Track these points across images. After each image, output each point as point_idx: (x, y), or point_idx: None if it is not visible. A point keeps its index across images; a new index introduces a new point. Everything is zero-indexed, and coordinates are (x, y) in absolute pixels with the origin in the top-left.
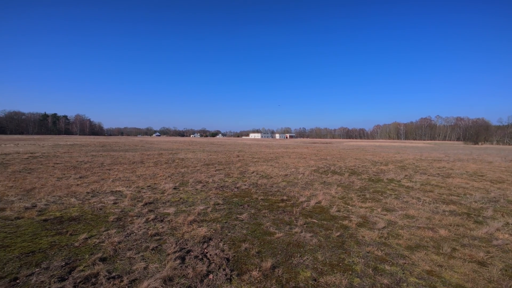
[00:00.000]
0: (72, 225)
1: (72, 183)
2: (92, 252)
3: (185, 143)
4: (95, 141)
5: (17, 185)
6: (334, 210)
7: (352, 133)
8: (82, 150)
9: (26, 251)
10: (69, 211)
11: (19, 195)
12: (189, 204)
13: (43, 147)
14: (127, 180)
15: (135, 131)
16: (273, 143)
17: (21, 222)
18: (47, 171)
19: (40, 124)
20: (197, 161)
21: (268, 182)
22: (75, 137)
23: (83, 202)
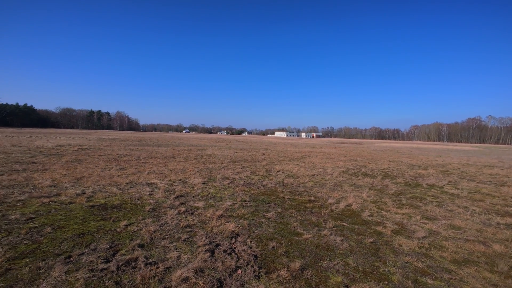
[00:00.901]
0: (115, 212)
1: (114, 174)
2: (132, 239)
3: (212, 140)
4: (132, 136)
5: (69, 173)
6: (366, 215)
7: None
8: (121, 144)
9: (78, 233)
10: (111, 199)
11: (71, 182)
12: (217, 199)
13: (90, 140)
14: (161, 173)
15: (167, 128)
16: (299, 142)
17: (73, 206)
18: (93, 162)
19: (87, 120)
20: (224, 158)
21: (294, 181)
22: (115, 132)
23: (123, 192)
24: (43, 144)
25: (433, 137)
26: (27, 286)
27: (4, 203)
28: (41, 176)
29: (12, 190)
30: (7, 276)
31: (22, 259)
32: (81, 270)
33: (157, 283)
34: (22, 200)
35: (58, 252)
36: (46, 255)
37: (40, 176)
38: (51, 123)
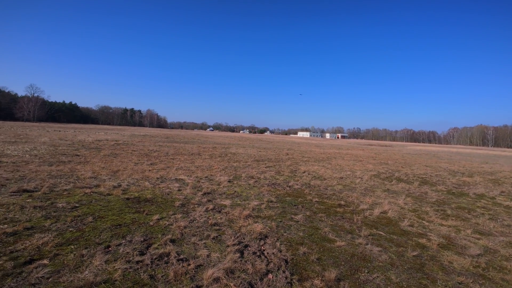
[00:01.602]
0: (147, 206)
1: (146, 169)
2: (164, 233)
3: (236, 139)
4: (161, 133)
5: (107, 166)
6: (406, 224)
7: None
8: (151, 140)
9: (115, 224)
10: (144, 193)
11: (108, 175)
12: (243, 198)
13: (124, 136)
14: (188, 169)
15: (192, 125)
16: (323, 143)
17: (110, 198)
18: (127, 156)
19: (121, 117)
20: (247, 156)
21: (321, 183)
22: (146, 129)
23: (154, 186)
24: (85, 139)
25: (476, 141)
26: (72, 272)
27: (53, 191)
28: (83, 168)
29: (59, 180)
30: (55, 261)
31: (68, 245)
32: (119, 260)
33: (189, 281)
34: (67, 190)
35: (98, 241)
36: (88, 243)
37: (82, 168)
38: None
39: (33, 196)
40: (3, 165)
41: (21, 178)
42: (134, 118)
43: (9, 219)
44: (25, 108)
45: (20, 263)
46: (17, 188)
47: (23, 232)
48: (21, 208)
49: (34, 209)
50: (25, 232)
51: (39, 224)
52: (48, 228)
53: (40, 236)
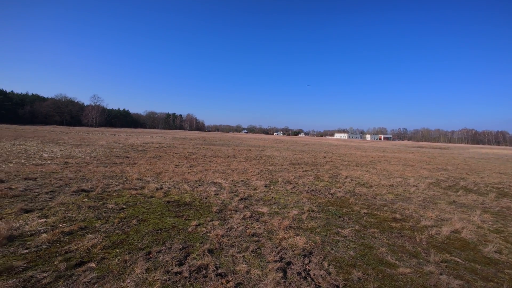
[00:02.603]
0: (186, 210)
1: (185, 171)
2: (202, 241)
3: (270, 141)
4: (199, 136)
5: (151, 168)
6: (490, 250)
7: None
8: (190, 143)
9: (156, 228)
10: (183, 196)
11: (152, 177)
12: (282, 206)
13: (166, 139)
14: (224, 172)
15: (228, 128)
16: (364, 145)
17: (153, 200)
18: (169, 159)
19: (165, 121)
20: (283, 159)
21: (368, 192)
22: (186, 132)
23: (193, 189)
24: (134, 142)
25: None
26: (116, 279)
27: (105, 192)
28: (131, 169)
29: (111, 181)
30: (101, 265)
31: (113, 249)
32: (158, 270)
33: None
34: (117, 191)
35: (141, 246)
36: (131, 247)
37: (130, 169)
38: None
39: (89, 196)
40: (69, 166)
41: (81, 178)
42: (176, 122)
43: (67, 218)
44: (89, 115)
45: (71, 265)
46: (77, 188)
47: (77, 232)
48: (78, 208)
49: (89, 209)
50: (79, 232)
51: (91, 225)
52: (98, 229)
53: (91, 237)
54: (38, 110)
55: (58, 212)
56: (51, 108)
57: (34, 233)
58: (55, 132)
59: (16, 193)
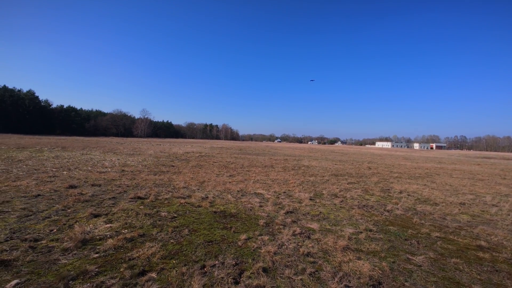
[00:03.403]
0: (233, 222)
1: (226, 181)
2: (254, 258)
3: (305, 150)
4: (234, 145)
5: (195, 177)
6: None
7: None
8: (227, 152)
9: (207, 239)
10: (228, 207)
11: (197, 185)
12: (333, 223)
13: (205, 148)
14: (264, 183)
15: (261, 137)
16: (414, 155)
17: (201, 210)
18: (210, 168)
19: (203, 131)
20: (323, 170)
21: (433, 210)
22: (222, 142)
23: (237, 200)
24: (177, 151)
25: None
26: None
27: (157, 199)
28: (177, 178)
29: (161, 189)
30: (161, 275)
31: (170, 259)
32: (215, 287)
33: None
34: (168, 199)
35: (195, 258)
36: (186, 259)
37: (176, 178)
38: (181, 134)
39: (144, 203)
40: (125, 174)
41: (136, 186)
42: (212, 132)
43: (128, 224)
44: (139, 127)
45: (135, 273)
46: (133, 195)
47: (138, 239)
48: (136, 215)
49: (145, 216)
50: (139, 239)
51: (149, 232)
52: (155, 237)
53: (149, 245)
54: (100, 124)
55: (120, 218)
56: (110, 121)
57: (102, 237)
58: (112, 143)
59: (86, 198)
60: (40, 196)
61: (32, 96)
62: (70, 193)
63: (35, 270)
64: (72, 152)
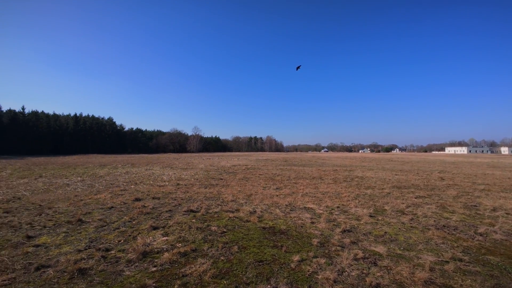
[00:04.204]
0: (283, 240)
1: (273, 194)
2: (310, 285)
3: (357, 159)
4: (279, 157)
5: (242, 190)
6: None
7: None
8: (273, 164)
9: (257, 259)
10: (277, 223)
11: (244, 199)
12: (404, 246)
13: (251, 161)
14: (314, 196)
15: (306, 148)
16: (503, 161)
17: (249, 225)
18: (256, 180)
19: (248, 144)
20: (381, 181)
21: None
22: (267, 153)
23: (286, 215)
24: (225, 164)
25: None
26: None
27: (208, 213)
28: (226, 191)
29: (211, 202)
30: None
31: (221, 278)
32: None
33: None
34: (217, 212)
35: (246, 280)
36: (237, 280)
37: (225, 191)
38: (228, 148)
39: (196, 216)
40: (180, 187)
41: (189, 199)
42: (257, 145)
43: (182, 238)
44: (192, 143)
45: None
46: (186, 208)
47: (190, 253)
48: (189, 228)
49: (197, 230)
50: (191, 254)
51: (200, 247)
52: (206, 253)
53: (201, 262)
54: (160, 142)
55: (175, 231)
56: (168, 139)
57: (159, 250)
58: (170, 159)
59: (147, 210)
60: (113, 208)
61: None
62: (135, 205)
63: (104, 281)
64: (138, 168)
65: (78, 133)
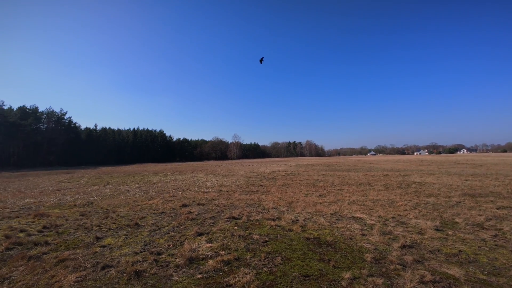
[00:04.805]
0: (331, 253)
1: (316, 201)
2: None
3: (412, 163)
4: (320, 162)
5: (282, 197)
6: None
7: None
8: (314, 169)
9: (303, 273)
10: (323, 233)
11: (285, 206)
12: (488, 270)
13: (290, 166)
14: (363, 205)
15: (350, 151)
16: None
17: (292, 235)
18: (297, 187)
19: (286, 149)
20: (447, 188)
21: None
22: (306, 159)
23: (331, 225)
24: (264, 171)
25: None
26: None
27: (249, 221)
28: (266, 198)
29: (252, 209)
30: None
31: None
32: None
33: None
34: (258, 220)
35: None
36: None
37: (265, 197)
38: (267, 154)
39: (238, 223)
40: (222, 194)
41: (231, 205)
42: (296, 150)
43: (225, 245)
44: (232, 150)
45: None
46: (229, 215)
47: (233, 262)
48: (231, 236)
49: (239, 238)
50: (234, 263)
51: (243, 256)
52: (248, 263)
53: (244, 272)
54: (203, 150)
55: (218, 238)
56: (210, 148)
57: (204, 257)
58: (212, 166)
59: (193, 216)
60: (164, 213)
61: (162, 134)
62: (182, 211)
63: (156, 284)
64: (185, 175)
65: (136, 145)
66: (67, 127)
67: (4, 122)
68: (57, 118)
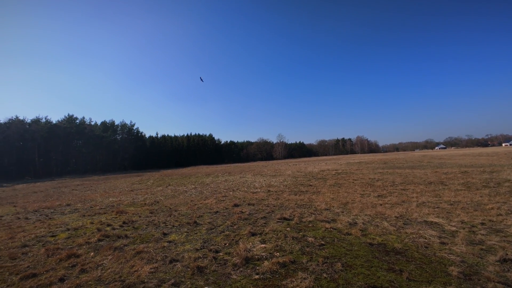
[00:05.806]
0: (401, 262)
1: (375, 202)
2: None
3: (501, 156)
4: (375, 159)
5: (335, 197)
6: None
7: None
8: (368, 167)
9: (369, 283)
10: (389, 239)
11: (339, 207)
12: None
13: (340, 165)
14: (437, 207)
15: (411, 146)
16: None
17: (351, 239)
18: (350, 186)
19: (335, 147)
20: None
21: None
22: (358, 156)
23: (398, 230)
24: (312, 170)
25: None
26: None
27: (302, 222)
28: (317, 198)
29: (303, 210)
30: None
31: None
32: None
33: None
34: (311, 222)
35: None
36: None
37: (316, 198)
38: (313, 153)
39: (290, 225)
40: (271, 194)
41: (281, 206)
42: (346, 147)
43: (279, 247)
44: (277, 150)
45: None
46: (280, 216)
47: (289, 265)
48: (285, 237)
49: (292, 240)
50: (291, 266)
51: (299, 260)
52: (305, 267)
53: (302, 276)
54: (249, 152)
55: (272, 239)
56: (256, 149)
57: (259, 258)
58: (259, 166)
59: (245, 216)
60: (218, 212)
61: (211, 138)
62: (235, 211)
63: (216, 281)
64: (234, 176)
65: (190, 149)
66: (136, 136)
67: (92, 135)
68: (128, 129)
